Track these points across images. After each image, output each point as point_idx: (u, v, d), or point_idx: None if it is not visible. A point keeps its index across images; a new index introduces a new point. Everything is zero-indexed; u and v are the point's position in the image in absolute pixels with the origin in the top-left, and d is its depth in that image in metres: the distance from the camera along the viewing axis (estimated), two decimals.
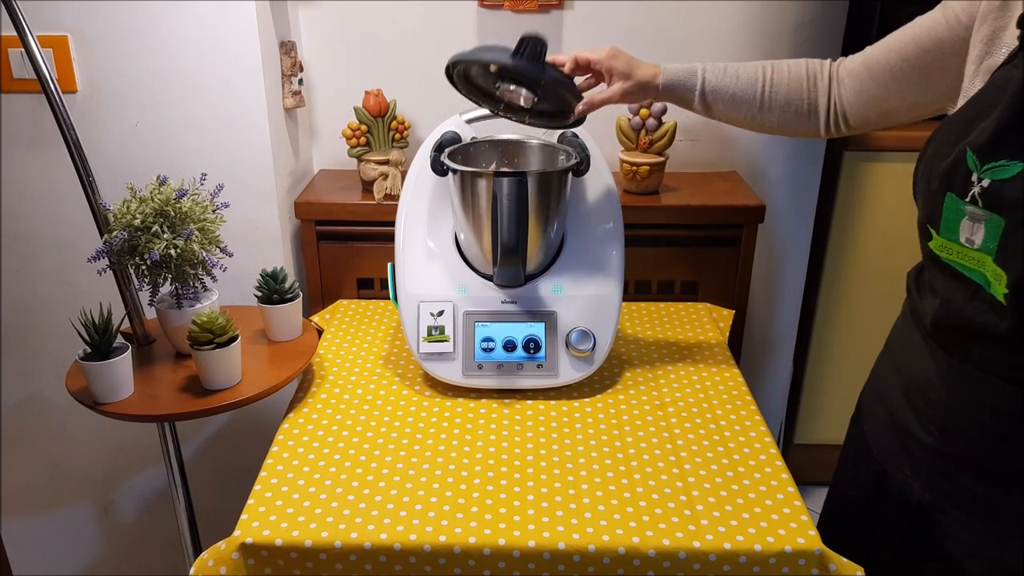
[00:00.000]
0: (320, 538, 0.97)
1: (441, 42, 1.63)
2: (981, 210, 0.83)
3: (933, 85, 1.00)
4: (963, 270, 0.88)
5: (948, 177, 0.87)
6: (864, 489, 1.10)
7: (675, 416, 1.20)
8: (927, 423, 0.98)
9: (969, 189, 0.84)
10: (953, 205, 0.87)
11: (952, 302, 0.91)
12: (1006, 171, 0.81)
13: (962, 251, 0.87)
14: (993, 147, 0.83)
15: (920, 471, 1.00)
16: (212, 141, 1.47)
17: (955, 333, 0.92)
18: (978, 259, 0.85)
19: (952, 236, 0.88)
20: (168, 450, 1.33)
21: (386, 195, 1.55)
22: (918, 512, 1.01)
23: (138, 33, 1.39)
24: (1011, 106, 0.81)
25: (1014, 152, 0.81)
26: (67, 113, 1.20)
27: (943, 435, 0.96)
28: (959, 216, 0.86)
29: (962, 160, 0.85)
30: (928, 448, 0.98)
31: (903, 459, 1.02)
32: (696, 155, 1.73)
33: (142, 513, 1.81)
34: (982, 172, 0.83)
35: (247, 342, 1.31)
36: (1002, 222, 0.82)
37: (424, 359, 1.25)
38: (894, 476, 1.04)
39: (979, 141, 0.84)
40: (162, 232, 1.18)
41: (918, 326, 1.00)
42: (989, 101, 0.86)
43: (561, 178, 1.22)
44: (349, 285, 1.62)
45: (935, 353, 0.95)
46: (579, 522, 0.99)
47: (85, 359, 1.13)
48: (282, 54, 1.52)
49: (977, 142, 0.84)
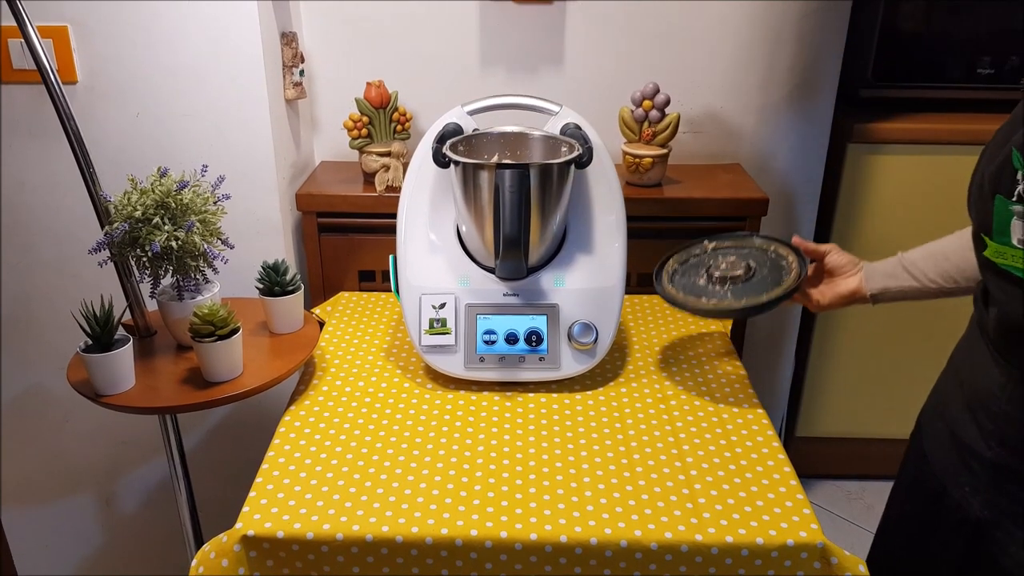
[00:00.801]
0: (322, 530, 0.97)
1: (443, 33, 1.62)
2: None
3: None
4: (1020, 273, 0.85)
5: (996, 179, 0.85)
6: (922, 506, 1.07)
7: (677, 409, 1.20)
8: (988, 436, 0.95)
9: (1015, 188, 0.82)
10: (1002, 207, 0.84)
11: (1011, 306, 0.88)
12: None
13: (1016, 253, 0.84)
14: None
15: (979, 487, 0.97)
16: (213, 132, 1.46)
17: (1017, 341, 0.90)
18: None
19: (1005, 240, 0.85)
20: (169, 442, 1.33)
21: (388, 187, 1.54)
22: (976, 530, 0.98)
23: (139, 24, 1.39)
24: None
25: None
26: (67, 104, 1.19)
27: (1003, 448, 0.93)
28: (1008, 217, 0.84)
29: (1008, 161, 0.83)
30: (988, 463, 0.95)
31: (962, 475, 1.00)
32: (699, 147, 1.72)
33: (143, 505, 1.81)
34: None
35: (248, 334, 1.31)
36: None
37: (426, 352, 1.25)
38: (953, 493, 1.01)
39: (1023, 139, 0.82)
40: (163, 224, 1.18)
41: (983, 338, 0.97)
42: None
43: (564, 170, 1.22)
44: (350, 277, 1.61)
45: (998, 363, 0.93)
46: (581, 515, 0.98)
47: (86, 351, 1.13)
48: (283, 45, 1.51)
49: (1022, 140, 0.82)
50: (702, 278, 1.24)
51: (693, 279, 1.24)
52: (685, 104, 1.67)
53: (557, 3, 1.59)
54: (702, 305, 1.19)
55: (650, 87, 1.54)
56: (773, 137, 1.73)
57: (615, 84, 1.62)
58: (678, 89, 1.63)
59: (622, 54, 1.35)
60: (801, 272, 1.18)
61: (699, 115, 1.69)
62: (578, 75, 1.65)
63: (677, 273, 1.27)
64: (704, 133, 1.71)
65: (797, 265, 1.19)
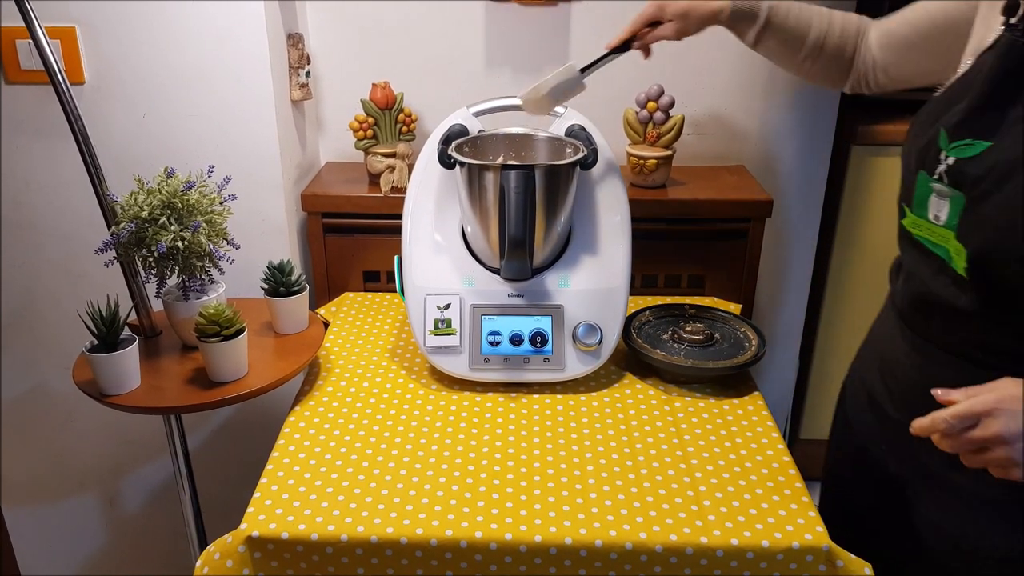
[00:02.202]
0: (326, 531, 0.97)
1: (449, 35, 1.62)
2: (947, 187, 0.88)
3: (944, 57, 1.03)
4: (930, 245, 0.93)
5: (921, 156, 0.92)
6: (849, 467, 1.15)
7: (682, 411, 1.20)
8: (896, 400, 1.03)
9: (937, 167, 0.89)
10: (924, 182, 0.92)
11: (919, 276, 0.96)
12: (971, 150, 0.86)
13: (930, 228, 0.92)
14: (962, 126, 0.87)
15: (892, 446, 1.05)
16: (219, 133, 1.47)
17: (922, 311, 0.97)
18: (943, 235, 0.90)
19: (922, 213, 0.93)
20: (174, 442, 1.33)
21: (393, 188, 1.54)
22: (894, 486, 1.05)
23: (146, 25, 1.39)
24: (983, 88, 0.86)
25: (980, 132, 0.85)
26: (75, 105, 1.19)
27: (909, 413, 0.96)
28: (928, 193, 0.91)
29: (935, 139, 0.90)
30: (896, 424, 1.01)
31: (878, 434, 1.08)
32: (703, 149, 1.72)
33: (147, 505, 1.82)
34: (949, 150, 0.88)
35: (253, 334, 1.31)
36: (963, 199, 0.86)
37: (431, 352, 1.25)
38: (872, 451, 1.09)
39: (951, 121, 0.88)
40: (169, 224, 1.18)
41: (893, 309, 1.05)
42: (967, 84, 0.90)
43: (569, 171, 1.22)
44: (355, 278, 1.61)
45: (904, 333, 1.01)
46: (586, 517, 0.98)
47: (92, 351, 1.13)
48: (289, 46, 1.51)
49: (949, 122, 0.88)
50: (667, 334, 1.34)
51: (659, 332, 1.35)
52: (689, 106, 1.67)
53: (562, 4, 1.59)
54: (653, 355, 1.26)
55: (655, 89, 1.54)
56: (777, 139, 1.73)
57: (619, 86, 1.62)
58: (682, 91, 1.63)
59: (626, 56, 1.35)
60: (757, 354, 1.26)
61: (703, 117, 1.69)
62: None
63: (649, 324, 1.37)
64: (708, 135, 1.71)
65: (756, 348, 1.29)
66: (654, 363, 1.26)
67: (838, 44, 1.16)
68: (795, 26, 1.15)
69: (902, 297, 1.01)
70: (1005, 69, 0.84)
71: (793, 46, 1.16)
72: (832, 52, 1.16)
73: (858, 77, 1.17)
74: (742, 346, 1.30)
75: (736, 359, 1.26)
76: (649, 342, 1.31)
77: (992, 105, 0.85)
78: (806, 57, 1.17)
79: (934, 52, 1.06)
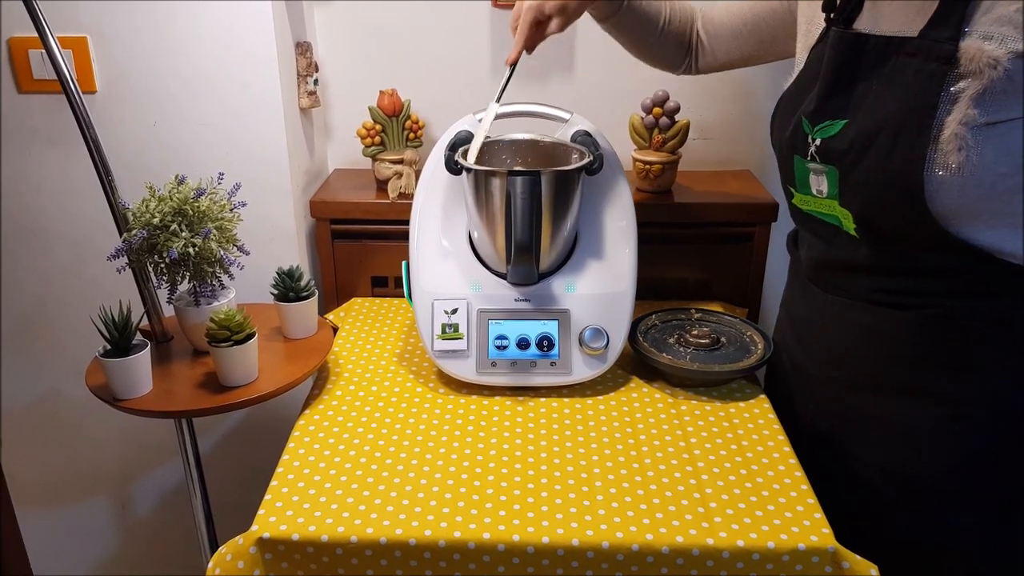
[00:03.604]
0: (336, 533, 0.98)
1: (455, 42, 1.64)
2: (820, 164, 1.03)
3: (766, 45, 1.28)
4: (821, 216, 1.08)
5: (791, 143, 1.08)
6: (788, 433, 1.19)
7: (688, 414, 1.21)
8: (813, 355, 1.17)
9: (808, 149, 1.05)
10: (800, 165, 1.07)
11: (819, 245, 1.12)
12: (831, 129, 1.01)
13: (816, 201, 1.07)
14: (819, 112, 1.03)
15: (819, 404, 1.17)
16: (228, 141, 1.48)
17: (825, 270, 1.12)
18: (828, 205, 1.05)
19: (806, 191, 1.08)
20: (185, 446, 1.34)
21: (400, 194, 1.56)
22: (826, 443, 1.16)
23: (156, 34, 1.41)
24: (827, 76, 1.02)
25: (834, 113, 1.01)
26: (87, 113, 1.21)
27: (828, 364, 1.14)
28: (806, 173, 1.07)
29: (799, 127, 1.06)
30: (816, 378, 1.17)
31: (803, 395, 1.21)
32: (709, 154, 1.73)
33: (159, 508, 1.83)
34: (814, 133, 1.03)
35: (263, 339, 1.32)
36: (836, 171, 1.01)
37: (438, 356, 1.26)
38: (801, 413, 1.21)
39: (809, 109, 1.04)
40: (180, 231, 1.20)
41: (797, 275, 1.21)
42: (811, 76, 1.07)
43: (575, 177, 1.23)
44: (363, 283, 1.63)
45: (811, 292, 1.15)
46: (593, 519, 0.99)
47: (105, 356, 1.15)
48: (298, 54, 1.53)
49: (808, 110, 1.04)
50: (673, 337, 1.35)
51: (664, 336, 1.36)
52: (695, 111, 1.68)
53: None
54: (660, 359, 1.27)
55: (660, 94, 1.55)
56: None
57: (625, 91, 1.63)
58: (687, 96, 1.64)
59: (632, 61, 1.37)
60: (763, 358, 1.28)
61: (708, 121, 1.70)
62: (588, 82, 1.67)
63: (655, 328, 1.39)
64: (714, 139, 1.72)
65: (762, 351, 1.30)
66: (660, 367, 1.27)
67: (678, 28, 1.31)
68: (648, 10, 1.27)
69: (806, 263, 1.16)
70: (840, 57, 1.00)
71: (647, 29, 1.29)
72: (674, 35, 1.31)
73: (689, 60, 1.35)
74: (748, 350, 1.31)
75: (742, 362, 1.27)
76: (655, 346, 1.32)
77: (838, 89, 1.01)
78: (656, 40, 1.30)
79: (757, 41, 1.27)
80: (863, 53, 0.99)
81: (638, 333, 1.34)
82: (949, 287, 0.99)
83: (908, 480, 1.07)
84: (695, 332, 1.33)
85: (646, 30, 1.29)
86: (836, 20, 1.05)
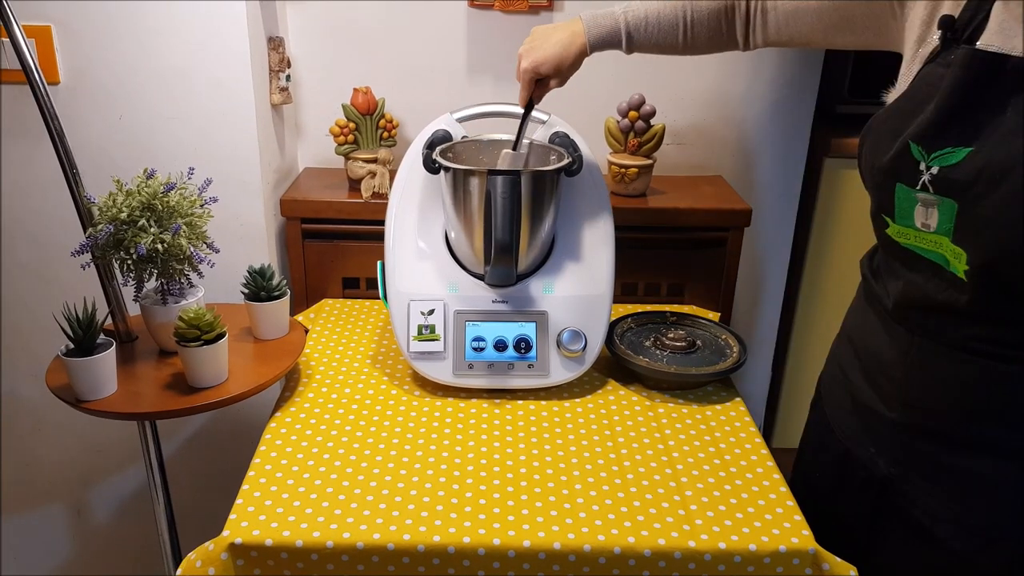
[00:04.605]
0: (311, 538, 0.95)
1: (430, 41, 1.62)
2: (933, 196, 0.90)
3: (856, 32, 1.09)
4: (922, 252, 0.95)
5: (894, 169, 0.94)
6: (829, 468, 1.15)
7: (666, 417, 1.21)
8: (889, 399, 1.03)
9: (919, 178, 0.91)
10: (904, 194, 0.94)
11: (914, 283, 0.97)
12: (953, 157, 0.89)
13: (919, 235, 0.94)
14: (937, 137, 0.90)
15: (884, 447, 1.05)
16: (197, 136, 1.45)
17: (917, 310, 0.98)
18: (935, 241, 0.92)
19: (907, 222, 0.95)
20: (148, 450, 1.30)
21: (374, 193, 1.53)
22: (883, 487, 1.06)
23: (124, 25, 1.37)
24: (948, 99, 0.89)
25: (957, 139, 0.88)
26: (51, 104, 1.17)
27: (905, 409, 1.01)
28: (912, 204, 0.93)
29: (906, 152, 0.92)
30: (891, 423, 1.03)
31: (866, 437, 1.08)
32: (683, 159, 1.74)
33: (117, 515, 1.77)
34: (930, 161, 0.90)
35: (233, 340, 1.28)
36: (955, 204, 0.88)
37: (414, 358, 1.24)
38: (858, 454, 1.09)
39: (919, 132, 0.91)
40: (149, 226, 1.16)
41: (874, 308, 1.06)
42: (922, 97, 0.93)
43: (554, 178, 1.22)
44: (334, 284, 1.60)
45: (894, 332, 1.02)
46: (574, 522, 0.98)
47: (68, 355, 1.11)
48: (270, 50, 1.50)
49: (920, 134, 0.91)
50: (649, 340, 1.35)
51: (641, 339, 1.35)
52: (670, 116, 1.68)
53: (544, 12, 1.60)
54: (637, 362, 1.27)
55: (636, 98, 1.55)
56: (754, 149, 1.75)
57: (601, 94, 1.63)
58: (663, 101, 1.64)
59: (608, 65, 1.36)
60: (739, 361, 1.28)
61: (683, 127, 1.71)
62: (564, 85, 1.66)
63: (631, 331, 1.38)
64: (688, 145, 1.73)
65: (738, 355, 1.30)
66: (637, 369, 1.27)
67: (710, 29, 1.21)
68: (656, 32, 1.20)
69: (894, 299, 1.01)
70: (969, 78, 0.88)
71: (667, 46, 1.22)
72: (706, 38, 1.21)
73: (747, 44, 1.22)
74: (723, 353, 1.31)
75: (718, 365, 1.27)
76: (632, 349, 1.31)
77: (962, 112, 0.89)
78: (684, 48, 1.23)
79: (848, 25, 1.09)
80: (998, 75, 0.87)
81: (614, 336, 1.34)
82: None
83: (990, 539, 0.98)
84: (671, 335, 1.33)
85: (668, 47, 1.23)
86: (957, 37, 0.92)
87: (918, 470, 1.02)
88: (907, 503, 1.03)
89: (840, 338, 1.18)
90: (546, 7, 1.59)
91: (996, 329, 0.91)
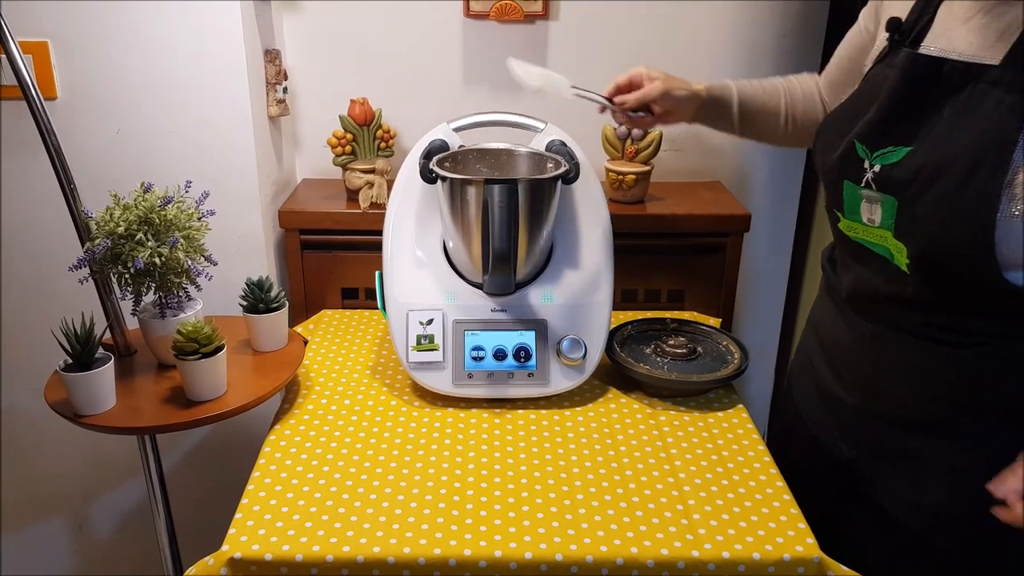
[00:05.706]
0: (311, 552, 0.95)
1: (427, 52, 1.62)
2: (876, 192, 0.95)
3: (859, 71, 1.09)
4: (869, 245, 0.99)
5: (842, 167, 0.98)
6: (798, 454, 1.18)
7: (667, 425, 1.20)
8: (849, 386, 1.07)
9: (863, 175, 0.96)
10: (851, 191, 0.99)
11: (863, 275, 1.02)
12: (893, 156, 0.92)
13: (866, 229, 0.98)
14: (880, 136, 0.94)
15: (846, 431, 1.09)
16: (195, 149, 1.45)
17: (868, 300, 1.03)
18: (880, 235, 0.96)
19: (855, 217, 0.99)
20: (148, 464, 1.29)
21: (372, 203, 1.53)
22: (847, 470, 1.09)
23: (120, 39, 1.37)
24: (890, 99, 0.93)
25: (897, 139, 0.92)
26: (48, 120, 1.17)
27: (864, 394, 1.05)
28: (858, 200, 0.98)
29: (852, 150, 0.97)
30: (852, 408, 1.07)
31: (831, 423, 1.12)
32: (681, 165, 1.74)
33: (118, 530, 1.77)
34: (873, 159, 0.94)
35: (231, 352, 1.28)
36: (895, 201, 0.92)
37: (413, 368, 1.24)
38: (824, 440, 1.13)
39: (864, 131, 0.95)
40: (146, 240, 1.16)
41: (833, 299, 1.11)
42: (868, 98, 0.97)
43: (551, 186, 1.22)
44: (333, 295, 1.60)
45: (851, 320, 1.06)
46: (576, 533, 0.97)
47: (66, 370, 1.10)
48: (267, 62, 1.50)
49: (864, 133, 0.96)
50: (649, 348, 1.34)
51: (641, 346, 1.35)
52: None
53: (540, 22, 1.60)
54: (637, 369, 1.26)
55: None
56: (752, 155, 1.75)
57: None
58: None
59: (604, 72, 1.36)
60: (740, 368, 1.27)
61: (680, 133, 1.70)
62: None
63: (631, 338, 1.37)
64: (685, 151, 1.73)
65: (739, 361, 1.30)
66: (638, 377, 1.26)
67: (805, 99, 1.23)
68: (761, 92, 1.23)
69: (848, 289, 1.06)
70: (909, 80, 0.92)
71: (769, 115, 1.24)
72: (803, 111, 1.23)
73: None
74: (724, 359, 1.31)
75: (720, 372, 1.26)
76: (632, 356, 1.31)
77: (903, 113, 0.92)
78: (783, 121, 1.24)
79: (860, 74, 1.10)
80: (936, 78, 0.90)
81: (614, 343, 1.33)
82: (1004, 328, 0.91)
83: (944, 517, 0.99)
84: (672, 342, 1.32)
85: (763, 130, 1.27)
86: (902, 40, 0.96)
87: (877, 453, 1.05)
88: (868, 486, 1.07)
89: (807, 329, 1.23)
90: (541, 16, 1.59)
91: (944, 317, 0.94)
